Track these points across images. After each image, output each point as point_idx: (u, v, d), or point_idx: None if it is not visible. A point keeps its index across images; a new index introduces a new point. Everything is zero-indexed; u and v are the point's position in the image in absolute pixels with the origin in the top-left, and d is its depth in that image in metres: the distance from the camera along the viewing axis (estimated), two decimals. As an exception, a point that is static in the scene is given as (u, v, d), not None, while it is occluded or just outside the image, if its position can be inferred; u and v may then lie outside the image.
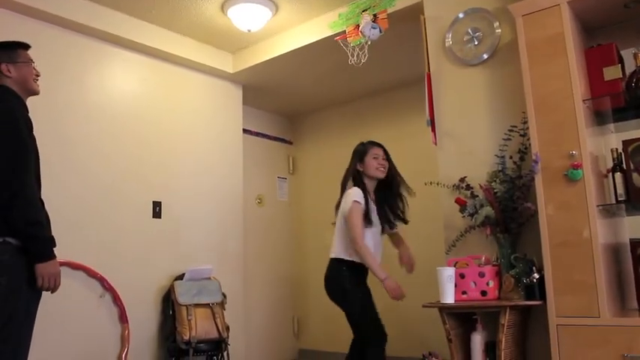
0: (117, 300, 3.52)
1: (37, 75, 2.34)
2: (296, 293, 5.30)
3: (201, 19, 3.88)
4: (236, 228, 4.44)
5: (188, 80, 4.29)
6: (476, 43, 2.99)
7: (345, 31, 3.48)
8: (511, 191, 2.61)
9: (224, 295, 3.85)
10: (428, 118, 3.14)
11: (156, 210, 3.89)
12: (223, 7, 3.69)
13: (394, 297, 2.76)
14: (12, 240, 2.03)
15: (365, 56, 3.45)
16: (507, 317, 2.36)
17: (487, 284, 2.55)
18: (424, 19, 3.22)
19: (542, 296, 2.37)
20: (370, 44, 3.42)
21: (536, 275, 2.40)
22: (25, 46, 2.33)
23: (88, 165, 3.53)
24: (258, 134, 5.27)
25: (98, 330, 3.43)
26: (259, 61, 4.25)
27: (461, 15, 3.06)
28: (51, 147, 3.19)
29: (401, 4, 3.37)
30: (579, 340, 2.20)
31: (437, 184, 2.97)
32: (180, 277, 3.78)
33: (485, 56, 2.95)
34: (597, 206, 2.27)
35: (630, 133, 2.46)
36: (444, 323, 2.54)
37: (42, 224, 2.08)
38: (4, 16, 3.23)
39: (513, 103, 2.76)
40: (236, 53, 4.44)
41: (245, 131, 4.82)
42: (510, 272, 2.50)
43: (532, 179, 2.46)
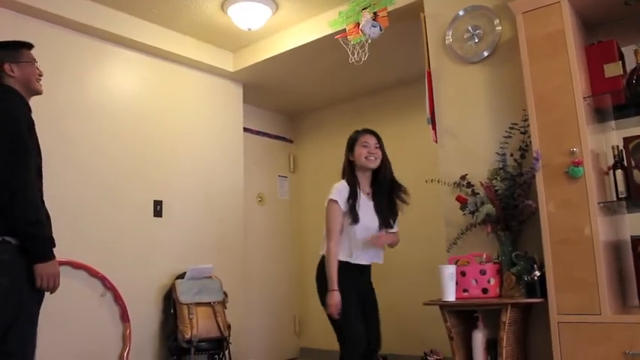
0: (118, 299, 3.52)
1: (40, 75, 2.33)
2: (297, 291, 5.30)
3: (201, 18, 3.87)
4: (237, 226, 4.44)
5: (188, 79, 4.29)
6: (476, 41, 2.98)
7: (346, 30, 3.48)
8: (512, 189, 2.61)
9: (225, 294, 3.85)
10: (428, 116, 3.14)
11: (157, 209, 3.89)
12: (223, 6, 3.69)
13: (329, 312, 2.58)
14: (12, 239, 2.02)
15: (365, 54, 3.45)
16: (508, 315, 2.36)
17: (488, 282, 2.55)
18: (424, 17, 3.21)
19: (543, 294, 2.37)
20: (370, 42, 3.42)
21: (537, 273, 2.40)
22: (29, 46, 2.31)
23: (89, 164, 3.54)
24: (258, 133, 5.27)
25: (99, 329, 3.44)
26: (259, 60, 4.26)
27: (461, 12, 3.05)
28: (51, 146, 3.19)
29: (401, 2, 3.37)
30: (580, 338, 2.20)
31: (437, 182, 2.97)
32: (181, 276, 3.78)
33: (485, 54, 2.95)
34: (598, 203, 2.26)
35: (631, 130, 2.46)
36: (446, 321, 2.54)
37: (42, 224, 2.06)
38: (5, 16, 3.23)
39: (514, 101, 2.76)
40: (236, 52, 4.44)
41: (246, 130, 4.82)
42: (511, 270, 2.50)
43: (533, 177, 2.46)
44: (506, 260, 2.58)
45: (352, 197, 2.69)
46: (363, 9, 3.40)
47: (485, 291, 2.54)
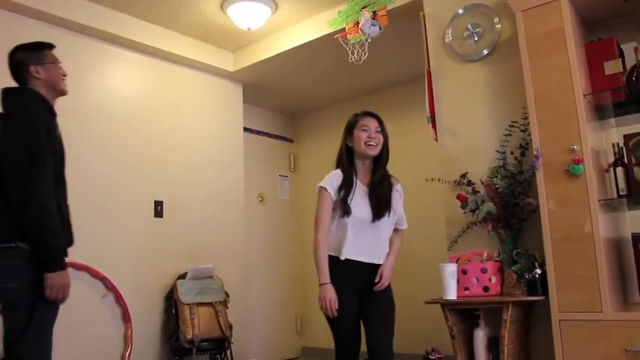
0: (119, 300, 3.52)
1: (64, 75, 2.28)
2: (298, 291, 5.30)
3: (200, 18, 3.87)
4: (238, 226, 4.45)
5: (188, 79, 4.29)
6: (476, 39, 2.98)
7: (345, 29, 3.48)
8: (512, 187, 2.61)
9: (226, 294, 3.85)
10: (428, 115, 3.14)
11: (157, 209, 3.89)
12: (223, 6, 3.69)
13: (320, 305, 2.29)
14: (24, 245, 2.00)
15: (365, 54, 3.45)
16: (510, 313, 2.36)
17: (489, 280, 2.55)
18: (423, 16, 3.21)
19: (544, 291, 2.37)
20: (370, 41, 3.42)
21: (538, 271, 2.40)
22: (51, 46, 2.27)
23: (89, 165, 3.54)
24: (259, 132, 5.27)
25: (101, 330, 3.44)
26: (259, 60, 4.26)
27: (460, 11, 3.05)
28: (52, 147, 3.20)
29: (400, 1, 3.37)
30: (582, 335, 2.20)
31: (438, 181, 2.97)
32: (182, 276, 3.78)
33: (485, 52, 2.94)
34: (599, 201, 2.26)
35: (631, 128, 2.46)
36: (447, 319, 2.54)
37: (54, 233, 2.02)
38: (4, 17, 3.23)
39: (514, 99, 2.76)
40: (236, 52, 4.44)
41: (246, 129, 4.82)
42: (512, 268, 2.50)
43: (533, 174, 2.46)
44: (507, 258, 2.58)
45: (346, 187, 2.38)
46: (363, 8, 3.40)
47: (486, 289, 2.54)
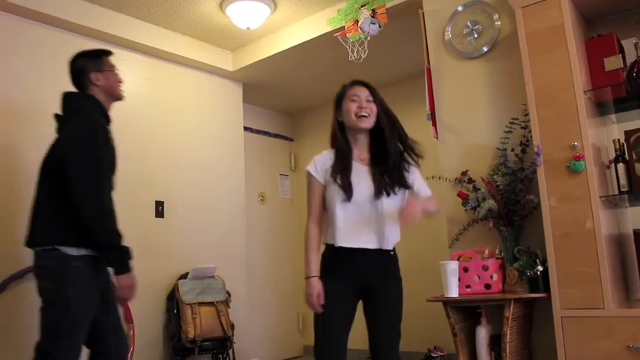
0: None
1: (120, 81, 2.34)
2: (300, 289, 5.25)
3: (199, 18, 3.87)
4: (239, 226, 4.44)
5: (188, 79, 4.29)
6: (475, 36, 2.98)
7: (344, 27, 3.48)
8: (513, 184, 2.60)
9: (228, 293, 3.85)
10: (428, 112, 3.14)
11: (158, 209, 3.89)
12: (222, 5, 3.68)
13: (305, 303, 2.09)
14: (61, 247, 2.05)
15: (365, 52, 3.45)
16: (512, 310, 2.36)
17: (491, 277, 2.55)
18: (423, 13, 3.21)
19: (546, 288, 2.36)
20: (369, 39, 3.41)
21: (539, 267, 2.40)
22: (108, 53, 2.33)
23: (90, 166, 3.53)
24: (259, 132, 5.27)
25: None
26: (259, 59, 4.25)
27: (460, 8, 3.04)
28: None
29: (399, -1, 3.36)
30: (584, 332, 2.20)
31: (439, 179, 2.96)
32: (184, 276, 3.78)
33: (485, 49, 2.94)
34: (600, 197, 2.26)
35: (632, 123, 2.46)
36: (449, 317, 2.54)
37: (121, 236, 2.15)
38: (4, 19, 3.22)
39: (514, 96, 2.75)
40: (235, 51, 4.44)
41: (246, 129, 4.82)
42: (514, 265, 2.50)
43: (534, 171, 2.46)
44: (508, 255, 2.58)
45: (339, 167, 2.08)
46: (362, 6, 3.39)
47: (488, 287, 2.54)
